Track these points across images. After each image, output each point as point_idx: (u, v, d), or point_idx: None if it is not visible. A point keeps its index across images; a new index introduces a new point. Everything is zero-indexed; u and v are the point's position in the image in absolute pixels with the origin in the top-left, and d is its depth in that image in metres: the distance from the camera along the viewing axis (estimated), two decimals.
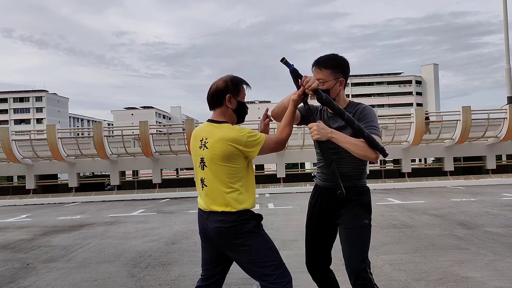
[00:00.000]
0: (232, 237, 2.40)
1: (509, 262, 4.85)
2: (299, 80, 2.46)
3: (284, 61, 2.46)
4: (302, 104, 2.54)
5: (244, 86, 2.55)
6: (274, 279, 2.37)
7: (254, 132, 2.45)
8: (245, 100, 2.58)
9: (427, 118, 19.32)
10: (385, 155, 2.43)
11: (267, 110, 2.76)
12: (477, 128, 18.22)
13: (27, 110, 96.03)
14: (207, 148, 2.43)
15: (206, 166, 2.44)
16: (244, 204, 2.42)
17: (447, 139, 18.41)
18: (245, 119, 2.65)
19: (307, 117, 2.58)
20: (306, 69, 2.68)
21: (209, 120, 2.53)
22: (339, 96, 2.63)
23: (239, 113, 2.55)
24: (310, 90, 2.41)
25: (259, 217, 2.50)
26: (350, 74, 2.70)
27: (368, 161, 2.61)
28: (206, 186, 2.46)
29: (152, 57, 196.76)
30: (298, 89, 2.48)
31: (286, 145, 2.67)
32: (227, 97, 2.46)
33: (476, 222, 7.62)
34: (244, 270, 2.50)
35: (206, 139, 2.44)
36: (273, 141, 2.52)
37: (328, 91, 2.56)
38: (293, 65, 2.48)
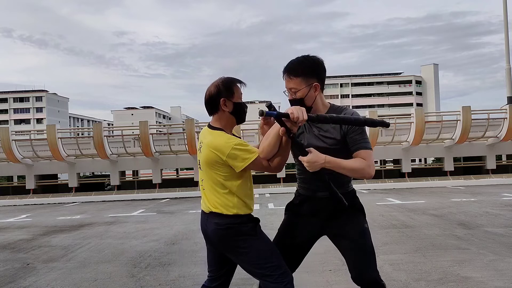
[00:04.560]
0: (229, 239, 2.41)
1: (509, 262, 4.85)
2: (283, 119, 2.20)
3: (269, 108, 2.19)
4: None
5: (238, 85, 2.46)
6: (275, 279, 2.37)
7: (246, 147, 2.34)
8: (245, 100, 2.54)
9: None
10: (386, 124, 2.26)
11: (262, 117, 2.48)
12: (477, 128, 18.24)
13: (27, 110, 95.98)
14: (200, 152, 2.47)
15: (201, 169, 2.50)
16: (236, 209, 2.40)
17: (447, 139, 18.42)
18: (246, 119, 2.57)
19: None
20: None
21: (208, 125, 2.55)
22: (317, 102, 2.40)
23: (237, 114, 2.48)
24: (303, 122, 2.18)
25: (256, 220, 2.50)
26: (348, 74, 2.61)
27: None
28: (204, 188, 2.51)
29: (152, 57, 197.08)
30: (282, 126, 2.22)
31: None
32: (221, 101, 2.41)
33: (476, 222, 7.62)
34: (245, 270, 2.50)
35: (201, 143, 2.49)
36: (264, 166, 2.40)
37: (302, 99, 2.34)
38: (275, 111, 2.21)
